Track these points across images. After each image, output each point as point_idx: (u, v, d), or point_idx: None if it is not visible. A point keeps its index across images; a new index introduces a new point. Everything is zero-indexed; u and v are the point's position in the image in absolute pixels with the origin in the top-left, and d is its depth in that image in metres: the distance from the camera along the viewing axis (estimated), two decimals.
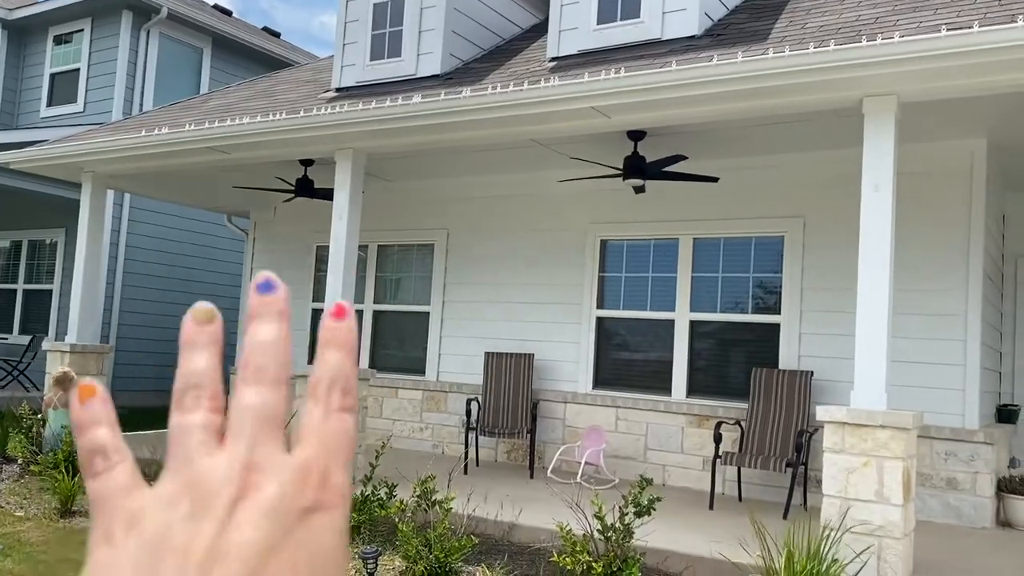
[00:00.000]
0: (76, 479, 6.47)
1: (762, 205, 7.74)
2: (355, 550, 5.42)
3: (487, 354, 8.73)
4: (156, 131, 7.81)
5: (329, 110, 6.79)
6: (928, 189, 6.93)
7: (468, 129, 6.44)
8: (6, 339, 13.72)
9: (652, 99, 5.39)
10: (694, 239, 8.07)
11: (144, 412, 13.02)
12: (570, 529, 5.04)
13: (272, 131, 7.10)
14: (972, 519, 6.57)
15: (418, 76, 7.36)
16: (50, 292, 13.59)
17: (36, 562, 5.17)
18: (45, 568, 5.06)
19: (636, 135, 7.05)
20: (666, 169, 7.08)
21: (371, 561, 4.51)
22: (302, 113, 6.93)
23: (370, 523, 5.78)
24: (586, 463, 7.71)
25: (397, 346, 9.92)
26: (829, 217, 7.40)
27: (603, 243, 8.62)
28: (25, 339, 13.31)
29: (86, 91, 13.42)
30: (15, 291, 14.18)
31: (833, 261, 7.34)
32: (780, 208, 7.65)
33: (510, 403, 8.48)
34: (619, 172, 7.19)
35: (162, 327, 14.02)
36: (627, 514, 4.95)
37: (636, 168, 7.06)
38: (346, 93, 7.65)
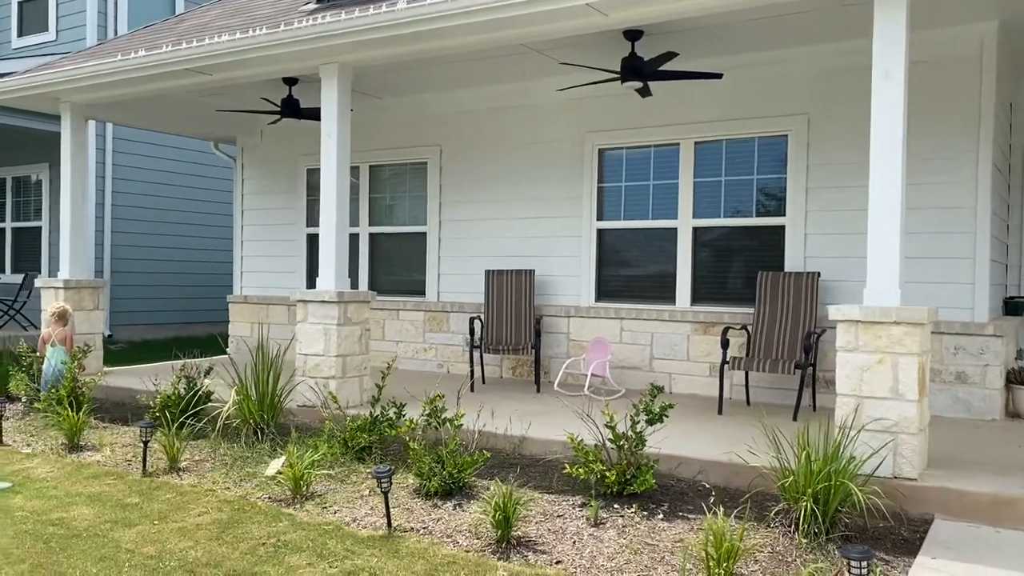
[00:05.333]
0: (81, 414, 6.42)
1: (764, 104, 7.49)
2: (367, 469, 5.41)
3: (487, 272, 8.60)
4: (132, 55, 7.47)
5: (311, 22, 6.47)
6: (936, 78, 6.68)
7: (458, 35, 6.14)
8: None
9: None
10: (695, 143, 7.84)
11: (141, 344, 13.00)
12: (581, 440, 5.00)
13: (253, 47, 6.78)
14: (981, 411, 6.57)
15: None
16: (39, 229, 13.36)
17: (47, 497, 5.14)
18: (57, 503, 5.03)
19: (633, 35, 6.76)
20: (666, 68, 6.80)
21: (385, 480, 4.47)
22: (282, 27, 6.61)
23: (380, 444, 5.75)
24: (592, 375, 7.68)
25: (396, 268, 9.79)
26: (834, 113, 7.18)
27: (601, 152, 8.39)
28: (16, 278, 13.16)
29: (57, 18, 12.91)
30: (3, 230, 13.93)
31: (838, 159, 7.15)
32: (783, 106, 7.41)
33: (512, 320, 8.40)
34: (617, 75, 6.92)
35: (155, 259, 13.87)
36: (638, 422, 4.91)
37: (634, 69, 6.79)
38: (327, 4, 7.29)
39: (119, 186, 13.13)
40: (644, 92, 7.08)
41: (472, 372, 8.15)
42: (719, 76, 6.94)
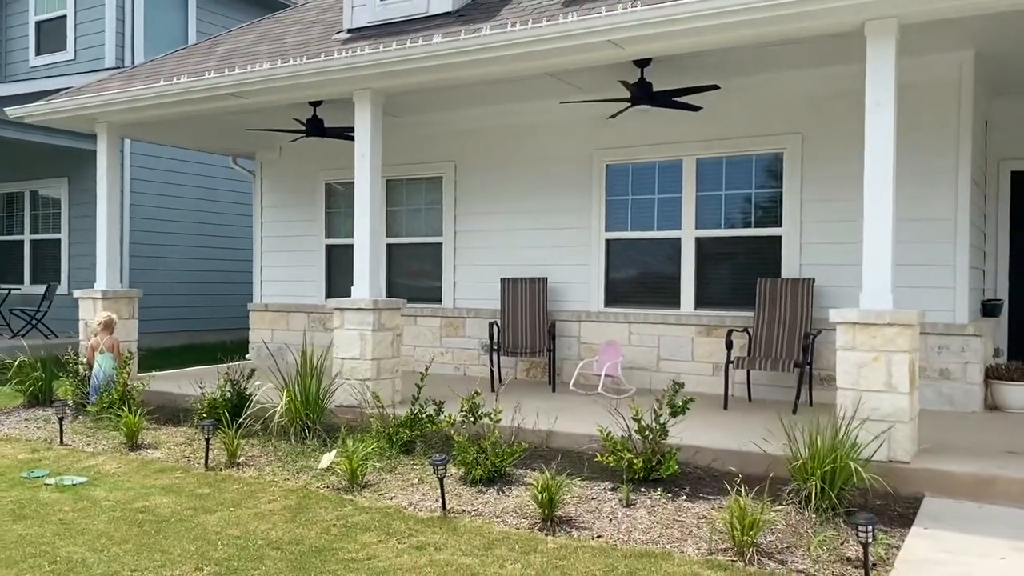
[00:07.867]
0: (138, 416, 6.93)
1: (762, 123, 8.12)
2: (411, 461, 5.96)
3: (503, 280, 9.17)
4: (175, 80, 7.99)
5: (349, 53, 7.02)
6: (920, 100, 7.33)
7: (487, 66, 6.71)
8: (19, 289, 13.98)
9: (669, 30, 5.70)
10: (697, 160, 8.46)
11: (159, 351, 13.46)
12: (610, 432, 5.58)
13: (294, 76, 7.32)
14: (963, 404, 7.22)
15: (430, 14, 7.57)
16: (58, 241, 13.79)
17: (125, 489, 5.65)
18: (135, 494, 5.55)
19: (642, 62, 7.36)
20: (657, 93, 7.44)
21: (441, 467, 5.03)
22: (323, 57, 7.16)
23: (422, 438, 6.31)
24: (605, 375, 8.26)
25: (413, 276, 10.34)
26: (826, 131, 7.81)
27: (608, 168, 8.99)
28: (37, 288, 13.58)
29: (75, 38, 13.37)
30: (22, 242, 14.36)
31: (831, 173, 7.78)
32: (779, 125, 8.04)
33: (527, 325, 8.97)
34: (627, 99, 7.52)
35: (169, 269, 14.33)
36: (662, 414, 5.49)
37: (644, 93, 7.39)
38: (360, 34, 7.85)
39: (136, 199, 13.60)
40: (616, 115, 7.72)
41: (492, 373, 8.71)
42: (697, 109, 7.62)
